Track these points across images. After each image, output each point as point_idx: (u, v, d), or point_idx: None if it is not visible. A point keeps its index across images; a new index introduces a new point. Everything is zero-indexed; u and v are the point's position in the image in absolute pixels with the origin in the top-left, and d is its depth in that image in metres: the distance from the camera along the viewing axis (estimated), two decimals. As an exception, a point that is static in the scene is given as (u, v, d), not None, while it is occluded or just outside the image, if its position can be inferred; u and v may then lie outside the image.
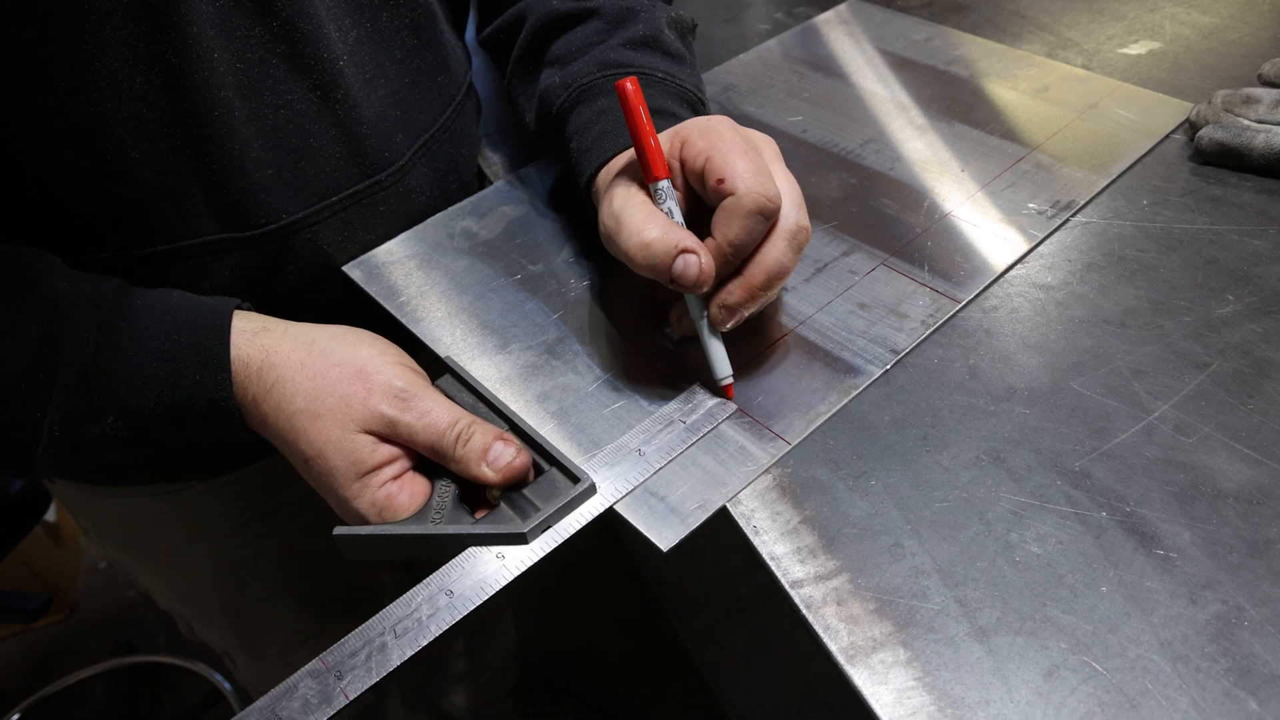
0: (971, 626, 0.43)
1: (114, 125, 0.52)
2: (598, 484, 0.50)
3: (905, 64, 0.83)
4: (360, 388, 0.50)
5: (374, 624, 0.45)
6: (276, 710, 0.43)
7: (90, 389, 0.49)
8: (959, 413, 0.53)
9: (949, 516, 0.48)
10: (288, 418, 0.50)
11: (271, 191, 0.58)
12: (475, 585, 0.47)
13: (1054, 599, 0.44)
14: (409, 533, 0.48)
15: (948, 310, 0.59)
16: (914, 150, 0.73)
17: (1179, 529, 0.46)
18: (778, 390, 0.55)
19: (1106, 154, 0.69)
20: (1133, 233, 0.63)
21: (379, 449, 0.49)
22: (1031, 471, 0.49)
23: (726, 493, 0.50)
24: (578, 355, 0.59)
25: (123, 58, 0.50)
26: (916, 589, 0.45)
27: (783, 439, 0.52)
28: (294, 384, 0.50)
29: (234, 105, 0.55)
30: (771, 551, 0.47)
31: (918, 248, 0.64)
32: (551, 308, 0.62)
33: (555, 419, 0.55)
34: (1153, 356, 0.55)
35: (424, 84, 0.66)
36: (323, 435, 0.49)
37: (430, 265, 0.66)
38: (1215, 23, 0.83)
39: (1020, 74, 0.79)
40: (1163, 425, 0.51)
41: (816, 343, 0.58)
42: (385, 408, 0.49)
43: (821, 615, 0.45)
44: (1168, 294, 0.58)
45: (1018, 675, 0.41)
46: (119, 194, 0.55)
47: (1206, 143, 0.65)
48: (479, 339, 0.60)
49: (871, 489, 0.50)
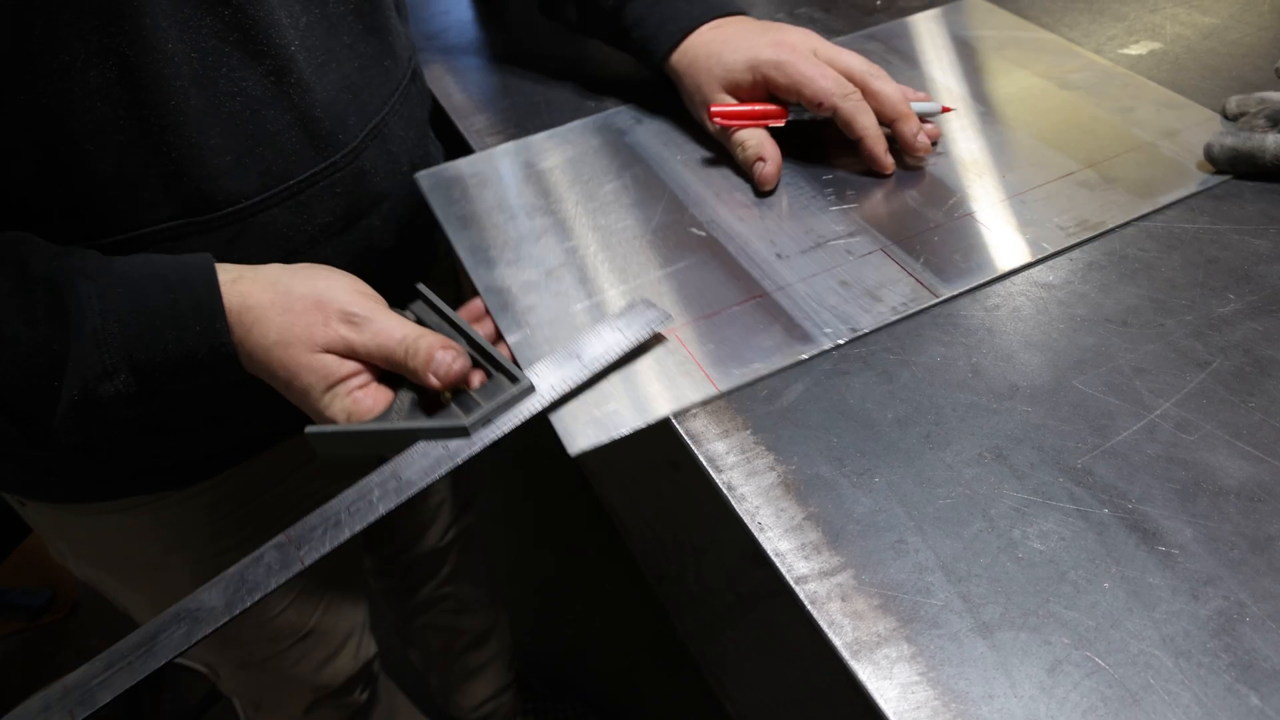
0: (975, 622, 0.44)
1: (68, 119, 0.53)
2: (538, 385, 0.55)
3: (990, 64, 0.82)
4: (320, 315, 0.55)
5: (332, 505, 0.52)
6: (244, 575, 0.51)
7: (103, 352, 0.53)
8: (962, 410, 0.53)
9: (952, 513, 0.48)
10: (264, 350, 0.55)
11: (230, 176, 0.60)
12: (421, 471, 0.53)
13: (1057, 595, 0.44)
14: (369, 429, 0.54)
15: (924, 302, 0.60)
16: (963, 149, 0.73)
17: (1180, 525, 0.46)
18: (730, 342, 0.59)
19: (1161, 182, 0.67)
20: (1134, 232, 0.63)
21: (344, 364, 0.56)
22: (1034, 469, 0.50)
23: (643, 420, 0.55)
24: (572, 280, 0.65)
25: (75, 52, 0.51)
26: (920, 585, 0.45)
27: (713, 384, 0.56)
28: (268, 321, 0.55)
29: (189, 94, 0.56)
30: (776, 548, 0.48)
31: (923, 240, 0.65)
32: (565, 237, 0.69)
33: (532, 329, 0.62)
34: (1154, 355, 0.55)
35: (372, 68, 0.68)
36: (294, 359, 0.55)
37: (485, 184, 0.75)
38: (1215, 23, 0.84)
39: (1109, 91, 0.77)
40: (1164, 423, 0.51)
41: (785, 308, 0.61)
42: (342, 329, 0.55)
43: (826, 611, 0.45)
44: (1169, 293, 0.59)
45: (1021, 670, 0.42)
46: (75, 187, 0.56)
47: (1218, 150, 0.65)
48: (498, 252, 0.68)
49: (875, 486, 0.50)
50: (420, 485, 0.52)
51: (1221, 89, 0.74)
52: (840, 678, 0.44)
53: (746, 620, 1.47)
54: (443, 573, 1.20)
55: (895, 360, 0.56)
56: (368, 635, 1.07)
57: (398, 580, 1.19)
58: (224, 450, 0.76)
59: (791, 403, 0.55)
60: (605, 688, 1.60)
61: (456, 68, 0.92)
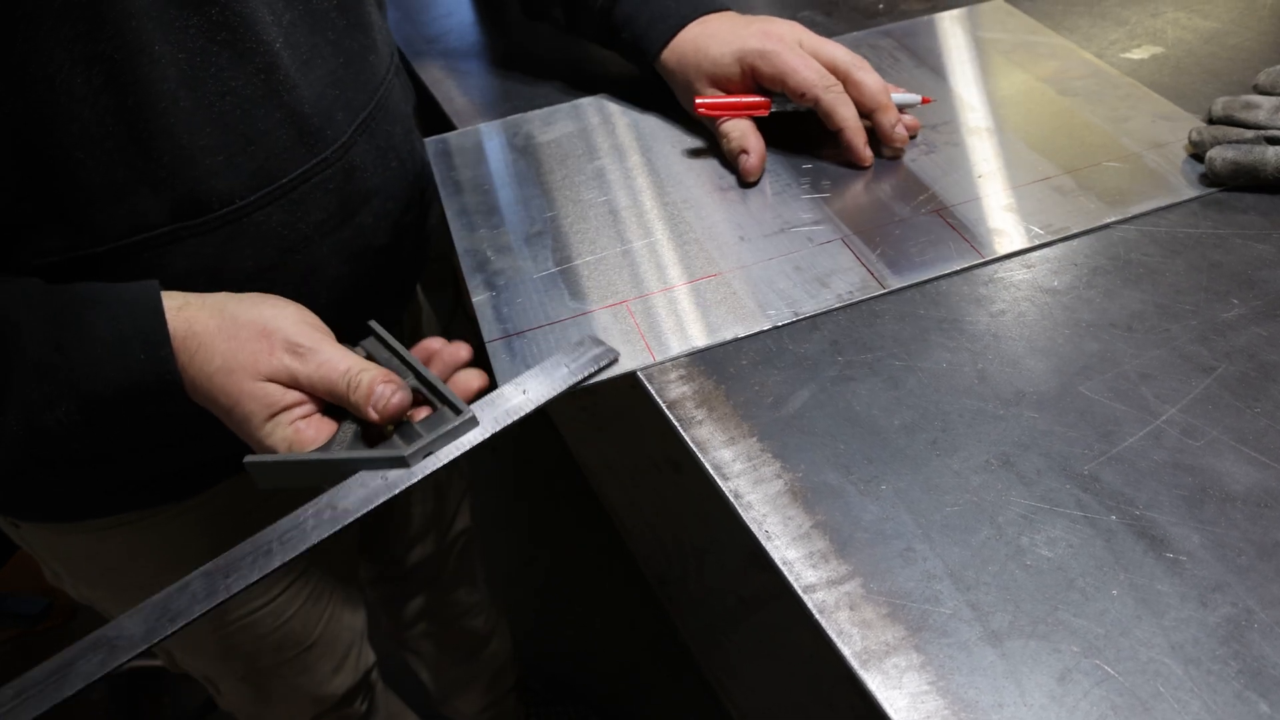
0: (984, 630, 0.44)
1: (55, 128, 0.52)
2: (480, 418, 0.55)
3: (995, 66, 0.83)
4: (265, 344, 0.55)
5: (264, 534, 0.51)
6: (168, 603, 0.50)
7: (45, 382, 0.53)
8: (968, 417, 0.53)
9: (960, 520, 0.48)
10: (207, 377, 0.55)
11: (222, 177, 0.60)
12: (359, 501, 0.52)
13: (1065, 602, 0.44)
14: (309, 459, 0.53)
15: (871, 291, 0.62)
16: (948, 148, 0.74)
17: (1188, 532, 0.46)
18: (676, 314, 0.62)
19: (1135, 194, 0.67)
20: (1137, 237, 0.63)
21: (287, 394, 0.55)
22: (1041, 475, 0.50)
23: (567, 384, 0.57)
24: (544, 248, 0.69)
25: (59, 60, 0.51)
26: (929, 593, 0.45)
27: (651, 354, 0.59)
28: (212, 347, 0.55)
29: (179, 96, 0.56)
30: (783, 556, 0.48)
31: (884, 233, 0.66)
32: (546, 208, 0.72)
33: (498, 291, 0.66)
34: (1159, 360, 0.55)
35: (357, 64, 0.68)
36: (237, 387, 0.54)
37: (481, 154, 0.79)
38: (1216, 27, 0.84)
39: (1108, 99, 0.77)
40: (1170, 429, 0.51)
41: (736, 288, 0.63)
42: (287, 359, 0.54)
43: (834, 620, 0.45)
44: (1173, 298, 0.59)
45: (1031, 679, 0.42)
46: (64, 196, 0.55)
47: (1220, 164, 0.64)
48: (482, 217, 0.72)
49: (882, 493, 0.50)
50: (356, 515, 0.52)
51: (1222, 93, 0.74)
52: (844, 682, 0.44)
53: (749, 623, 1.47)
54: (441, 578, 1.20)
55: (901, 366, 0.56)
56: (366, 645, 1.07)
57: (395, 587, 1.19)
58: (218, 460, 0.76)
59: (798, 409, 0.55)
60: (607, 690, 1.60)
61: (458, 71, 0.92)
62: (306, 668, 0.96)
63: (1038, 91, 0.79)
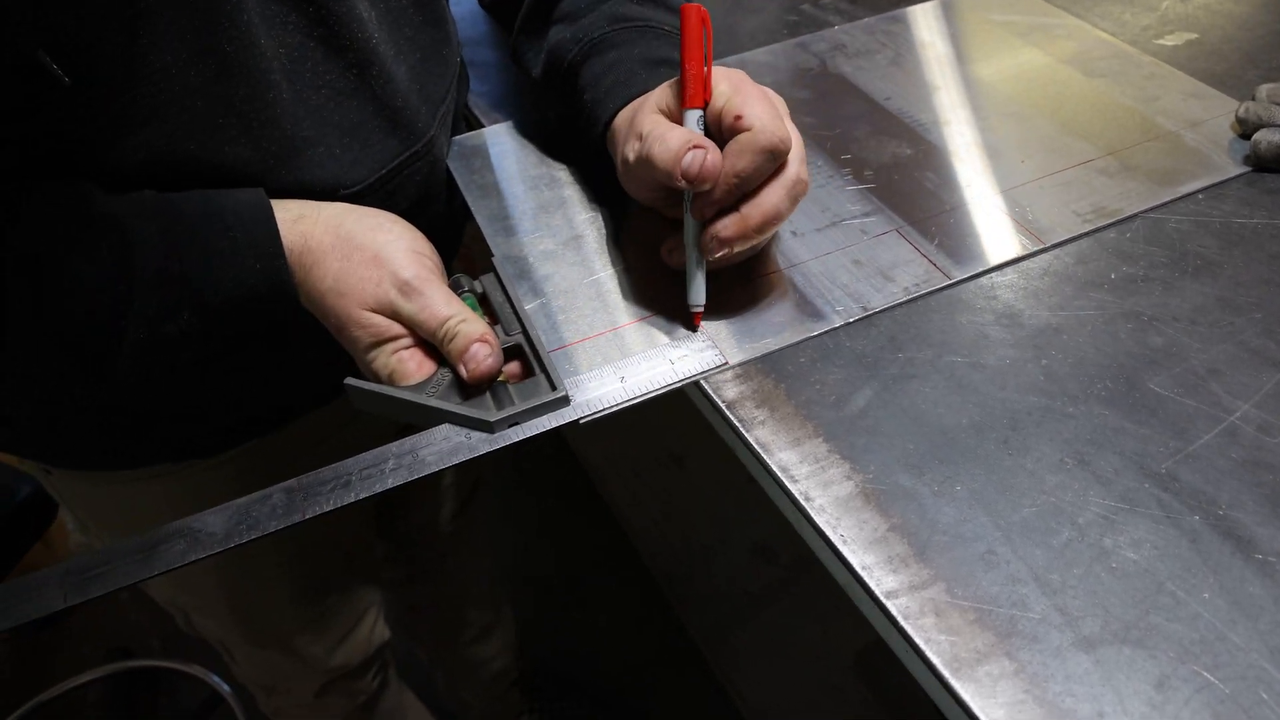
0: (1075, 636, 0.42)
1: (169, 119, 0.52)
2: (574, 399, 0.55)
3: (1016, 49, 0.82)
4: (375, 272, 0.55)
5: (347, 464, 0.52)
6: (249, 510, 0.50)
7: (166, 291, 0.53)
8: (1037, 415, 0.52)
9: (1039, 522, 0.47)
10: (320, 295, 0.56)
11: (324, 168, 0.60)
12: (438, 455, 0.52)
13: (1156, 606, 0.43)
14: (402, 397, 0.54)
15: (936, 283, 0.60)
16: (984, 135, 0.73)
17: (1275, 532, 0.45)
18: (742, 317, 0.60)
19: (1183, 172, 0.67)
20: (1191, 228, 0.62)
21: (391, 325, 0.56)
22: (1118, 474, 0.49)
23: (655, 385, 0.55)
24: (591, 251, 0.66)
25: (176, 51, 0.51)
26: (1015, 598, 0.44)
27: (724, 357, 0.57)
28: (325, 265, 0.56)
29: (281, 89, 0.57)
30: (861, 561, 0.46)
31: (938, 223, 0.65)
32: (585, 209, 0.69)
33: (548, 297, 0.62)
34: (1227, 355, 0.54)
35: (434, 58, 0.68)
36: (346, 311, 0.55)
37: (506, 155, 0.76)
38: (1249, 12, 0.83)
39: (1134, 80, 0.76)
40: (1245, 425, 0.50)
41: (799, 285, 0.61)
42: (393, 294, 0.55)
43: (921, 627, 0.43)
44: (1235, 290, 0.58)
45: (1128, 686, 0.41)
46: (178, 186, 0.55)
47: (1265, 146, 0.64)
48: (517, 221, 0.69)
49: (957, 494, 0.48)
50: (434, 469, 0.52)
51: (1262, 79, 0.73)
52: (852, 675, 0.42)
53: (757, 620, 1.46)
54: (449, 560, 1.19)
55: (964, 363, 0.55)
56: (381, 621, 1.07)
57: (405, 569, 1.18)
58: (252, 419, 0.76)
59: (861, 409, 0.53)
60: (613, 686, 1.59)
61: (471, 61, 0.89)
62: (317, 637, 0.96)
63: (1063, 74, 0.78)
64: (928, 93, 0.78)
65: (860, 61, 0.82)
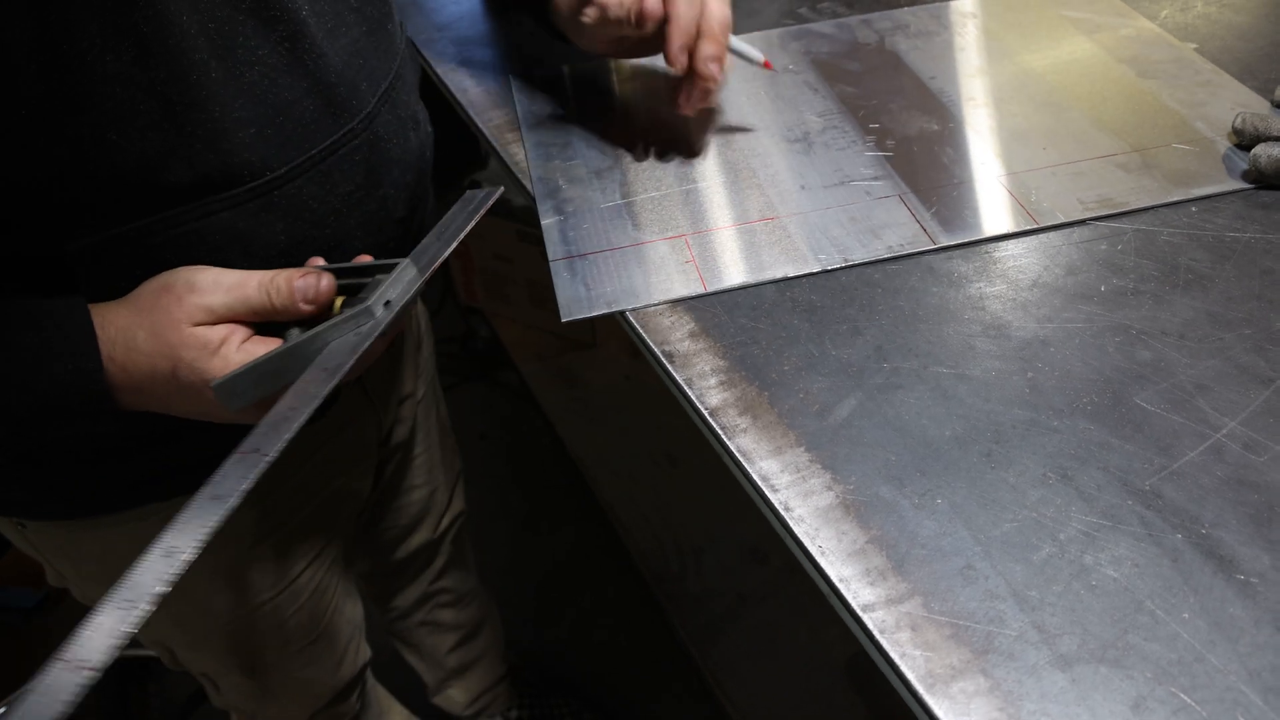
0: (1052, 654, 0.42)
1: (88, 108, 0.51)
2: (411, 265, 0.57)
3: (1078, 45, 0.82)
4: (171, 296, 0.54)
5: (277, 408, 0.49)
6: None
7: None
8: (1021, 428, 0.52)
9: (1020, 537, 0.47)
10: (139, 352, 0.54)
11: (254, 149, 0.59)
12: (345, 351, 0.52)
13: (1135, 626, 0.43)
14: (274, 355, 0.53)
15: (921, 246, 0.63)
16: (1014, 120, 0.74)
17: (1258, 552, 0.45)
18: (730, 250, 0.65)
19: (1201, 176, 0.67)
20: (1184, 241, 0.62)
21: (216, 329, 0.54)
22: (1101, 490, 0.48)
23: (633, 303, 0.61)
24: (613, 182, 0.72)
25: (91, 36, 0.49)
26: (992, 614, 0.44)
27: (703, 284, 0.62)
28: (130, 323, 0.54)
29: (210, 67, 0.55)
30: (839, 573, 0.46)
31: (942, 194, 0.67)
32: (618, 144, 0.76)
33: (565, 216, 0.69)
34: (1215, 371, 0.53)
35: (378, 32, 0.67)
36: (169, 345, 0.53)
37: (562, 93, 0.82)
38: (1248, 22, 0.82)
39: (1187, 84, 0.76)
40: (1231, 443, 0.50)
41: (791, 232, 0.66)
42: (197, 300, 0.54)
43: (896, 641, 0.43)
44: (1225, 305, 0.57)
45: (1104, 706, 0.40)
46: (98, 176, 0.54)
47: (1265, 161, 0.63)
48: (558, 149, 0.76)
49: (938, 508, 0.48)
50: (349, 365, 0.51)
51: (1259, 90, 0.73)
52: (841, 680, 0.42)
53: (747, 620, 1.46)
54: (436, 565, 1.18)
55: (949, 374, 0.55)
56: (363, 639, 1.05)
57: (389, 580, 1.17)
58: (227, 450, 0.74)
59: (844, 419, 0.53)
60: (601, 685, 1.58)
61: (470, 60, 0.89)
62: (311, 661, 0.94)
63: (1115, 71, 0.78)
64: (972, 76, 0.80)
65: (917, 42, 0.84)
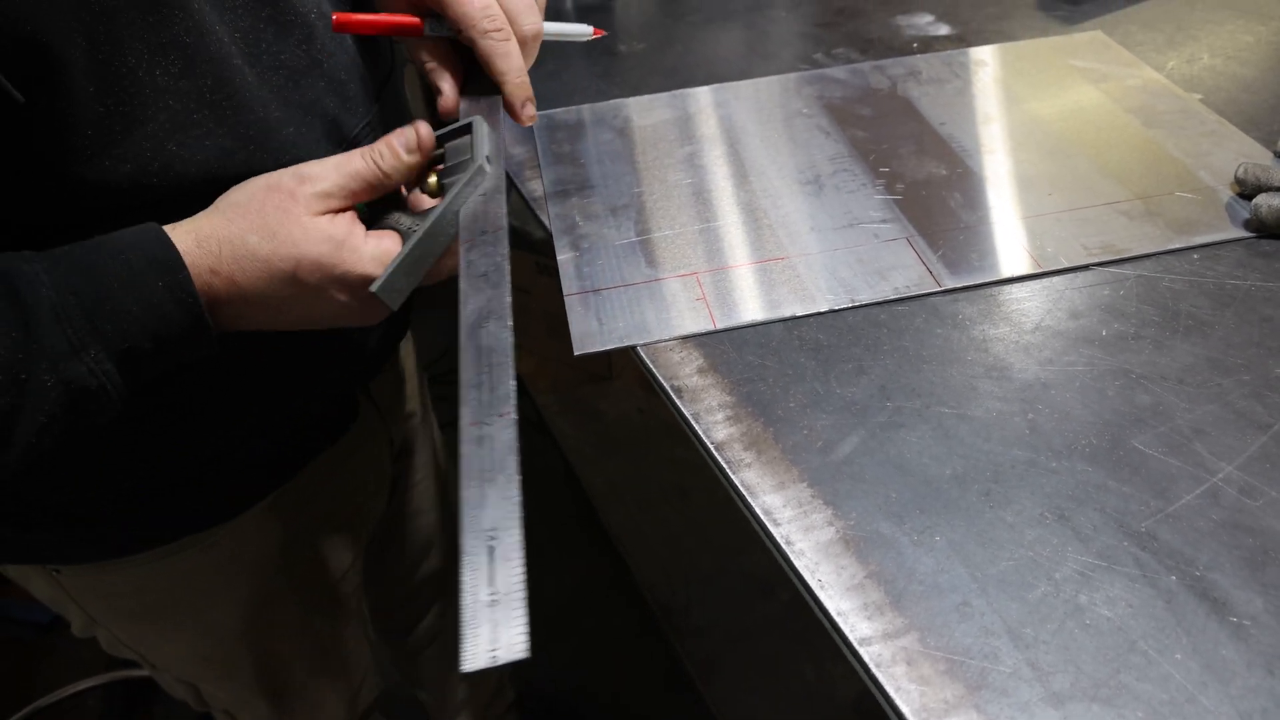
0: (1045, 691, 0.43)
1: (145, 120, 0.51)
2: None
3: (1084, 94, 0.84)
4: (282, 193, 0.52)
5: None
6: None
7: (66, 327, 0.48)
8: (1020, 468, 0.53)
9: (1016, 575, 0.47)
10: (251, 257, 0.51)
11: (298, 146, 0.60)
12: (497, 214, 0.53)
13: (1128, 665, 0.44)
14: (422, 235, 0.53)
15: (926, 288, 0.65)
16: (1021, 166, 0.76)
17: (1251, 595, 0.46)
18: (740, 289, 0.66)
19: (1203, 224, 0.68)
20: (1185, 288, 0.63)
21: (338, 218, 0.53)
22: (1097, 531, 0.49)
23: (644, 338, 0.63)
24: (628, 220, 0.73)
25: (139, 51, 0.50)
26: (987, 650, 0.45)
27: (713, 321, 0.64)
28: (234, 230, 0.51)
29: (245, 73, 0.56)
30: (838, 607, 0.47)
31: (948, 237, 0.69)
32: (634, 184, 0.77)
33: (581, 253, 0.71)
34: (1213, 416, 0.54)
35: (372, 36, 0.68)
36: (291, 242, 0.52)
37: (581, 131, 0.84)
38: (1253, 75, 0.84)
39: (1191, 134, 0.77)
40: (1228, 487, 0.51)
41: (801, 271, 0.67)
42: (310, 189, 0.53)
43: (892, 675, 0.44)
44: (1224, 351, 0.58)
45: (1095, 745, 0.41)
46: (163, 188, 0.54)
47: (1266, 211, 0.65)
48: (575, 187, 0.77)
49: (936, 545, 0.49)
50: (507, 220, 0.52)
51: (1262, 141, 0.74)
52: (848, 713, 0.43)
53: (753, 653, 1.46)
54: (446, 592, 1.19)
55: (951, 414, 0.56)
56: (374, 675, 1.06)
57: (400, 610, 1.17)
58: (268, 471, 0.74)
59: (847, 455, 0.54)
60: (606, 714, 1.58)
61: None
62: (332, 688, 0.94)
63: (1121, 120, 0.80)
64: (981, 122, 0.81)
65: (929, 88, 0.86)
